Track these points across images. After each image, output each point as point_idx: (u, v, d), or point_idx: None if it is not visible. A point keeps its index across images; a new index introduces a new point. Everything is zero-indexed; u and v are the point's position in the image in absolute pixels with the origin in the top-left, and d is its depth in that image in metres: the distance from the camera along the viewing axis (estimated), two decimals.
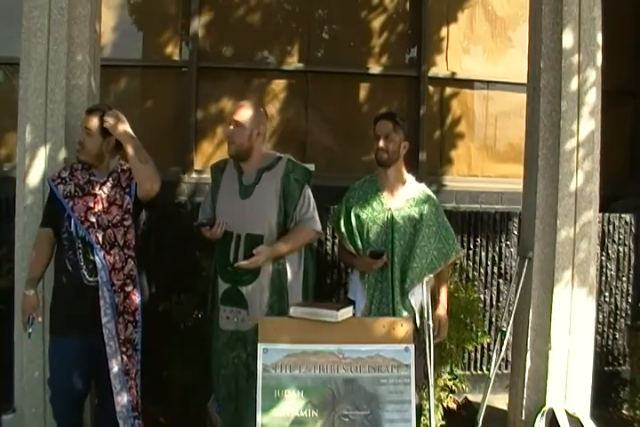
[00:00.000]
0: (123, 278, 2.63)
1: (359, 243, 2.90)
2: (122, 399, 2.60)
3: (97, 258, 2.59)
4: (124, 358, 2.61)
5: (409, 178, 3.00)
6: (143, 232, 2.79)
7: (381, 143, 2.88)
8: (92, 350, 2.59)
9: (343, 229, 2.95)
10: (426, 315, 2.77)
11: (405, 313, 2.80)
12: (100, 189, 2.67)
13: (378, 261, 2.79)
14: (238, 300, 2.68)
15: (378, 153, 2.91)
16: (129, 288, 2.64)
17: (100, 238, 2.61)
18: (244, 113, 2.75)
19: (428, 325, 2.76)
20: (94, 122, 2.66)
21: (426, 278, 2.82)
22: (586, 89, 3.12)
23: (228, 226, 2.69)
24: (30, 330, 2.58)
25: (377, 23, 4.65)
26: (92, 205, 2.64)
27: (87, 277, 2.59)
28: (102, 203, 2.65)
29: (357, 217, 2.90)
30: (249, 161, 2.77)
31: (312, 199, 2.79)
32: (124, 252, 2.64)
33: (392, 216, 2.87)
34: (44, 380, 2.81)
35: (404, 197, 2.92)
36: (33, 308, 2.57)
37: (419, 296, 2.82)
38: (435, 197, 2.99)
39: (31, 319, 2.57)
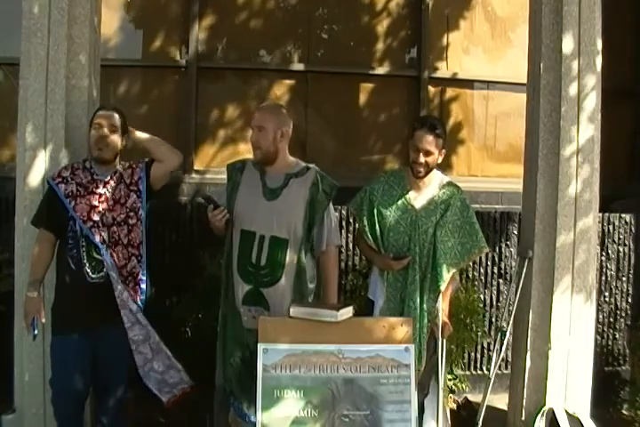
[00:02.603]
0: (125, 276, 2.63)
1: (380, 239, 2.85)
2: (157, 363, 2.70)
3: (105, 258, 2.58)
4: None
5: (436, 174, 2.91)
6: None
7: (421, 159, 2.76)
8: (94, 349, 2.58)
9: (365, 222, 2.89)
10: (439, 315, 2.79)
11: (426, 314, 2.78)
12: (104, 187, 2.67)
13: (401, 262, 2.76)
14: (260, 301, 2.67)
15: (415, 167, 2.79)
16: (130, 285, 2.64)
17: (105, 237, 2.60)
18: (264, 117, 2.73)
19: (437, 325, 2.78)
20: (116, 118, 2.69)
21: (450, 275, 2.80)
22: (586, 90, 3.13)
23: (250, 225, 2.67)
24: (36, 332, 2.57)
25: (377, 23, 4.65)
26: (95, 203, 2.63)
27: (90, 274, 2.58)
28: (107, 201, 2.65)
29: (380, 213, 2.85)
30: (275, 164, 2.75)
31: (334, 216, 2.83)
32: (128, 250, 2.64)
33: (417, 217, 2.81)
34: (44, 380, 2.81)
35: (430, 196, 2.85)
36: (37, 310, 2.55)
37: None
38: (461, 191, 2.89)
39: (35, 321, 2.55)
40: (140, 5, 4.49)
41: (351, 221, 3.93)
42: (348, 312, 2.50)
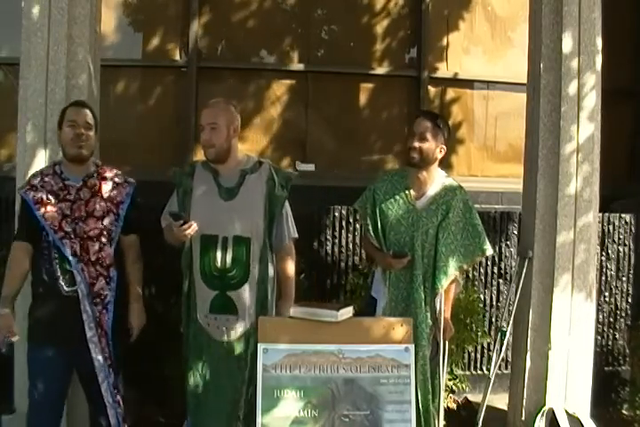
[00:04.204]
0: (93, 296, 2.50)
1: (382, 238, 2.84)
2: (114, 412, 2.52)
3: (75, 271, 2.45)
4: (111, 372, 2.51)
5: (438, 174, 2.87)
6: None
7: (415, 142, 2.73)
8: (77, 364, 2.50)
9: (369, 221, 2.87)
10: (440, 316, 2.78)
11: (429, 315, 2.77)
12: (76, 193, 2.53)
13: (402, 261, 2.73)
14: (228, 306, 2.60)
15: (409, 152, 2.76)
16: (99, 307, 2.51)
17: (77, 249, 2.47)
18: (216, 114, 2.66)
19: (439, 327, 2.78)
20: (90, 115, 2.59)
21: (452, 277, 2.78)
22: (586, 90, 3.13)
23: (211, 229, 2.59)
24: (4, 350, 2.43)
25: (377, 23, 4.65)
26: (68, 212, 2.49)
27: (65, 287, 2.47)
28: (79, 211, 2.51)
29: (382, 212, 2.83)
30: (227, 162, 2.67)
31: (289, 208, 2.75)
32: (96, 268, 2.50)
33: (418, 217, 2.78)
34: None
35: (432, 196, 2.82)
36: (8, 327, 2.40)
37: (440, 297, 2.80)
38: (464, 192, 2.85)
39: (6, 339, 2.40)
40: (139, 5, 4.50)
41: (351, 220, 3.93)
42: (348, 312, 2.50)
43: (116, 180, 2.64)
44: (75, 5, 2.95)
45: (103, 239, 2.53)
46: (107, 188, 2.59)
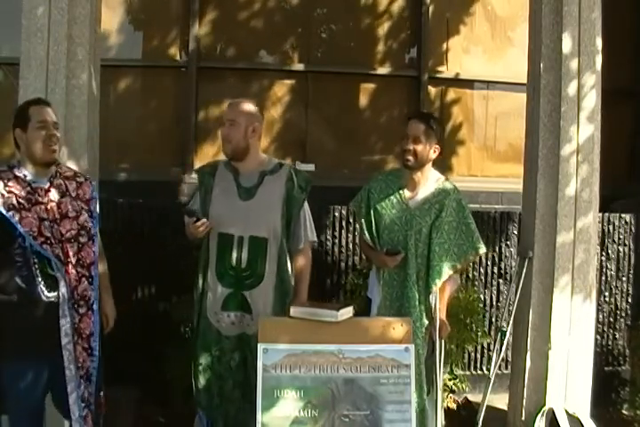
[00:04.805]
0: (77, 299, 2.40)
1: (376, 237, 2.86)
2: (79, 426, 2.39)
3: (58, 274, 2.34)
4: (82, 383, 2.39)
5: (432, 174, 2.89)
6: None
7: (409, 146, 2.76)
8: (55, 373, 2.37)
9: (364, 220, 2.90)
10: (435, 316, 2.78)
11: (424, 314, 2.78)
12: (46, 195, 2.39)
13: (395, 258, 2.75)
14: (242, 305, 2.63)
15: (404, 155, 2.79)
16: (82, 310, 2.41)
17: (59, 253, 2.36)
18: (238, 111, 2.71)
19: (434, 326, 2.77)
20: (54, 114, 2.47)
21: (446, 276, 2.79)
22: (586, 90, 3.13)
23: (227, 228, 2.63)
24: None
25: (377, 23, 4.65)
26: (44, 216, 2.35)
27: (45, 292, 2.33)
28: (54, 213, 2.39)
29: (377, 211, 2.85)
30: (246, 161, 2.71)
31: (309, 211, 2.77)
32: (77, 270, 2.40)
33: (411, 216, 2.80)
34: None
35: (425, 195, 2.84)
36: None
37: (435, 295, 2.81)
38: (457, 191, 2.87)
39: None
40: (139, 5, 4.50)
41: (351, 221, 3.93)
42: (348, 312, 2.50)
43: (78, 178, 2.54)
44: (75, 5, 2.95)
45: (81, 239, 2.44)
46: (73, 187, 2.50)
